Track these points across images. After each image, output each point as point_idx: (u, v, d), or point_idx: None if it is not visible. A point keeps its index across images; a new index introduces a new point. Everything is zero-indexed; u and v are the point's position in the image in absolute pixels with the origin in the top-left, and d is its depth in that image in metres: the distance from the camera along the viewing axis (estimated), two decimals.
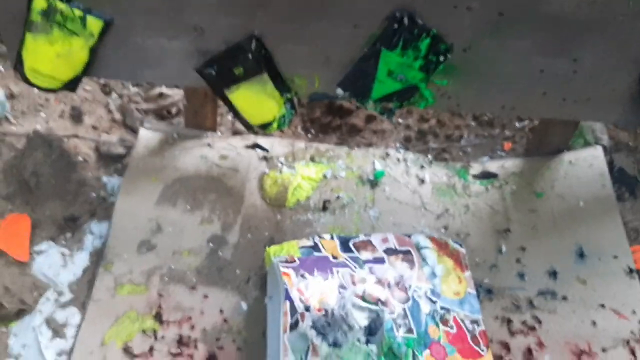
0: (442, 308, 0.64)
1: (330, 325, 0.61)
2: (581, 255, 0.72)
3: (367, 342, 0.61)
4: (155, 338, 0.67)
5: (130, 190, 0.77)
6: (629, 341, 0.66)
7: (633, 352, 0.66)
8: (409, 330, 0.62)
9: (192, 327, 0.68)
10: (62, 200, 0.78)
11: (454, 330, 0.63)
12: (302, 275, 0.65)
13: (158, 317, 0.68)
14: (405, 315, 0.63)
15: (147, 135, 0.82)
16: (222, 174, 0.79)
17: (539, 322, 0.68)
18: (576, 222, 0.75)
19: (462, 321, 0.64)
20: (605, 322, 0.68)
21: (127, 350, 0.66)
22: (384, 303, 0.63)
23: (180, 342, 0.67)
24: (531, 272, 0.72)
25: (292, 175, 0.79)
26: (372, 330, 0.61)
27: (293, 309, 0.62)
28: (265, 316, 0.68)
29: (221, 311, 0.69)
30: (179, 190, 0.78)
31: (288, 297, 0.63)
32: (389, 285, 0.65)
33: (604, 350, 0.66)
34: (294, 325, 0.61)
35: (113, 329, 0.67)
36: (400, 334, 0.61)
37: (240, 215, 0.77)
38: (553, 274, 0.71)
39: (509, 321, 0.68)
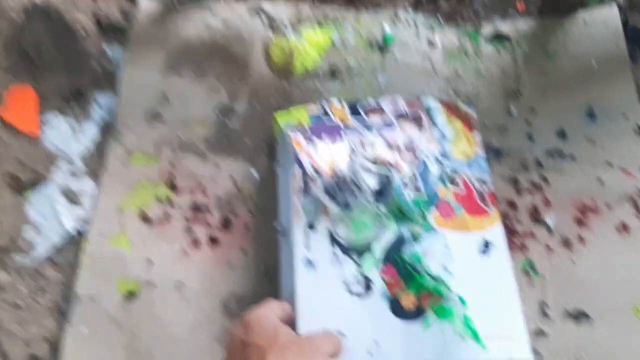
0: (451, 169, 0.65)
1: (340, 188, 0.62)
2: (591, 115, 0.72)
3: (377, 203, 0.62)
4: (171, 205, 0.69)
5: (134, 61, 0.76)
6: (633, 197, 0.68)
7: (637, 208, 0.67)
8: (418, 191, 0.63)
9: (206, 194, 0.69)
10: (65, 72, 0.77)
11: (463, 191, 0.64)
12: (312, 141, 0.65)
13: (171, 185, 0.70)
14: (414, 177, 0.64)
15: (147, 4, 0.79)
16: (227, 42, 0.77)
17: (546, 181, 0.69)
18: (587, 83, 0.74)
19: (471, 182, 0.65)
20: (611, 179, 0.69)
21: (143, 217, 0.68)
22: (393, 166, 0.64)
23: (195, 208, 0.68)
24: (540, 133, 0.72)
25: (298, 41, 0.77)
26: (381, 192, 0.63)
27: (303, 173, 0.63)
28: (275, 183, 0.69)
29: (233, 179, 0.70)
30: (183, 60, 0.76)
31: (298, 161, 0.63)
32: (398, 149, 0.66)
33: (608, 206, 0.67)
34: (304, 189, 0.62)
35: (128, 198, 0.69)
36: (409, 195, 0.62)
37: (247, 84, 0.76)
38: (562, 134, 0.71)
39: (517, 181, 0.69)
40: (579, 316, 0.62)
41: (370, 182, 0.63)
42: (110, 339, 0.62)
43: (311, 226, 0.61)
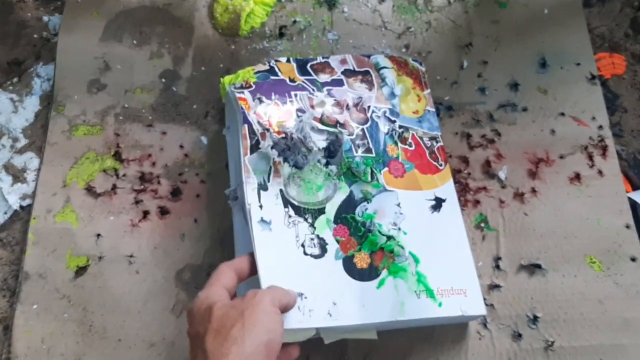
0: (400, 127, 0.64)
1: (290, 148, 0.61)
2: (543, 64, 0.71)
3: (327, 164, 0.61)
4: (117, 176, 0.67)
5: (72, 28, 0.73)
6: (587, 147, 0.67)
7: (591, 157, 0.67)
8: (368, 150, 0.62)
9: (153, 164, 0.68)
10: (2, 44, 0.74)
11: (413, 148, 0.63)
12: (259, 99, 0.63)
13: (117, 156, 0.68)
14: (364, 136, 0.63)
15: None
16: (168, 4, 0.74)
17: (499, 134, 0.68)
18: (539, 31, 0.72)
19: (421, 139, 0.64)
20: (564, 129, 0.68)
21: (89, 190, 0.66)
22: (342, 125, 0.62)
23: (143, 178, 0.67)
24: (492, 85, 0.70)
25: (244, 0, 0.74)
26: (331, 152, 0.61)
27: (252, 132, 0.61)
28: (225, 148, 0.67)
29: (181, 146, 0.69)
30: (124, 25, 0.73)
31: (246, 120, 0.62)
32: (347, 107, 0.64)
33: (561, 157, 0.67)
34: (254, 147, 0.60)
35: (73, 171, 0.67)
36: (359, 154, 0.61)
37: (192, 48, 0.73)
38: (514, 86, 0.70)
39: (469, 136, 0.68)
40: (533, 268, 0.62)
41: (320, 141, 0.61)
42: (62, 314, 0.61)
43: (263, 187, 0.59)
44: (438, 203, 0.61)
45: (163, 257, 0.64)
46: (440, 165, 0.63)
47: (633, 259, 0.62)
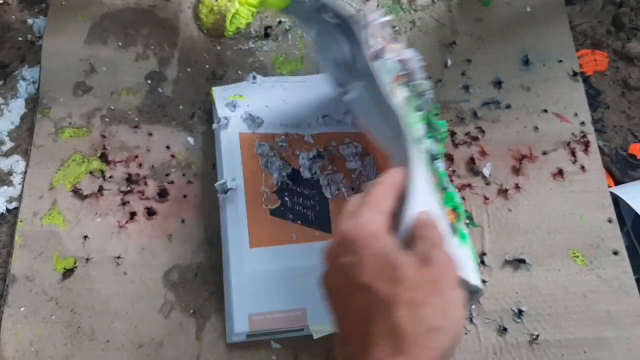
0: None
1: (408, 74, 0.55)
2: (526, 62, 0.71)
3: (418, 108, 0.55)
4: (104, 178, 0.67)
5: (57, 30, 0.73)
6: (569, 143, 0.68)
7: (573, 153, 0.67)
8: None
9: (140, 165, 0.68)
10: None
11: None
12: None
13: (104, 158, 0.68)
14: None
15: None
16: (153, 6, 0.75)
17: (482, 132, 0.69)
18: (522, 29, 0.73)
19: None
20: (547, 126, 0.69)
21: (76, 192, 0.66)
22: None
23: (130, 180, 0.67)
24: (476, 83, 0.71)
25: (229, 1, 0.75)
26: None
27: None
28: (213, 149, 0.67)
29: (168, 147, 0.69)
30: (109, 27, 0.74)
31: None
32: None
33: (544, 153, 0.68)
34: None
35: (60, 173, 0.67)
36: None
37: (177, 49, 0.73)
38: (498, 84, 0.71)
39: (453, 133, 0.69)
40: (517, 263, 0.63)
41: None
42: (50, 317, 0.61)
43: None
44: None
45: (150, 258, 0.64)
46: None
47: (615, 253, 0.63)
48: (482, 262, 0.63)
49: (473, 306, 0.61)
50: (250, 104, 0.67)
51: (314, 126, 0.66)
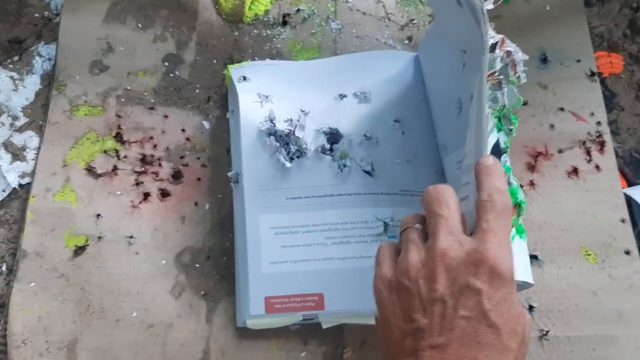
0: None
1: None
2: (544, 60, 0.72)
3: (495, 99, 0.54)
4: (118, 158, 0.67)
5: (75, 8, 0.72)
6: (585, 142, 0.68)
7: (588, 152, 0.68)
8: None
9: (155, 147, 0.68)
10: (3, 23, 0.73)
11: None
12: None
13: (119, 137, 0.67)
14: None
15: None
16: None
17: None
18: (541, 27, 0.73)
19: None
20: (563, 124, 0.69)
21: (90, 170, 0.66)
22: None
23: (144, 160, 0.67)
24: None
25: None
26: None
27: None
28: (228, 134, 0.67)
29: (183, 130, 0.69)
30: (127, 7, 0.73)
31: None
32: None
33: (560, 151, 0.68)
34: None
35: (74, 151, 0.67)
36: None
37: (195, 32, 0.73)
38: None
39: None
40: (530, 259, 0.63)
41: None
42: (60, 294, 0.61)
43: None
44: None
45: (163, 239, 0.63)
46: None
47: (627, 252, 0.63)
48: None
49: None
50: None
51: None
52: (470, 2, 0.50)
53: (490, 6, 0.51)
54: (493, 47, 0.51)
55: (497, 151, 0.52)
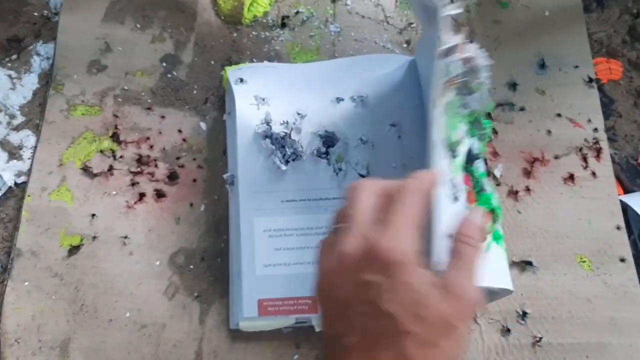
0: None
1: (468, 72, 0.53)
2: (542, 65, 0.71)
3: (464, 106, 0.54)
4: (114, 158, 0.67)
5: (74, 7, 0.72)
6: (581, 148, 0.68)
7: (585, 159, 0.67)
8: None
9: (151, 147, 0.68)
10: (2, 21, 0.73)
11: None
12: None
13: (115, 137, 0.68)
14: None
15: None
16: None
17: (496, 132, 0.68)
18: (540, 33, 0.73)
19: None
20: (560, 130, 0.69)
21: (86, 170, 0.66)
22: None
23: (140, 161, 0.67)
24: (491, 84, 0.71)
25: None
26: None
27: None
28: (224, 135, 0.67)
29: (180, 131, 0.69)
30: (126, 7, 0.73)
31: None
32: None
33: (556, 157, 0.68)
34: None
35: (70, 150, 0.67)
36: None
37: (194, 33, 0.73)
38: (513, 86, 0.71)
39: None
40: (524, 265, 0.63)
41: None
42: (53, 293, 0.61)
43: None
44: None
45: (157, 240, 0.64)
46: None
47: (622, 260, 0.63)
48: None
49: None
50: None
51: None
52: (431, 5, 0.50)
53: (451, 12, 0.50)
54: (448, 52, 0.50)
55: (470, 157, 0.52)
